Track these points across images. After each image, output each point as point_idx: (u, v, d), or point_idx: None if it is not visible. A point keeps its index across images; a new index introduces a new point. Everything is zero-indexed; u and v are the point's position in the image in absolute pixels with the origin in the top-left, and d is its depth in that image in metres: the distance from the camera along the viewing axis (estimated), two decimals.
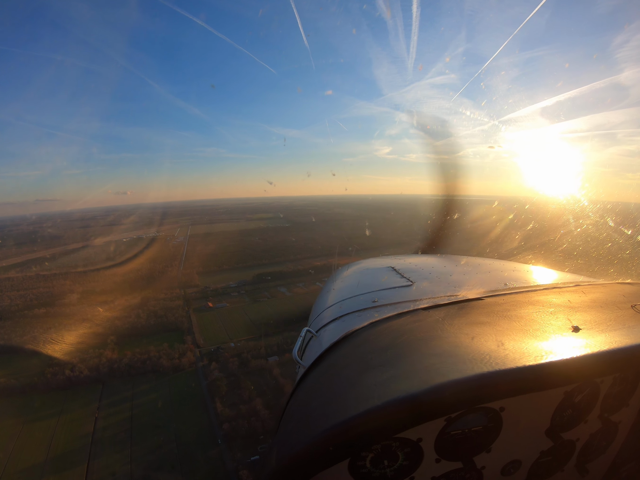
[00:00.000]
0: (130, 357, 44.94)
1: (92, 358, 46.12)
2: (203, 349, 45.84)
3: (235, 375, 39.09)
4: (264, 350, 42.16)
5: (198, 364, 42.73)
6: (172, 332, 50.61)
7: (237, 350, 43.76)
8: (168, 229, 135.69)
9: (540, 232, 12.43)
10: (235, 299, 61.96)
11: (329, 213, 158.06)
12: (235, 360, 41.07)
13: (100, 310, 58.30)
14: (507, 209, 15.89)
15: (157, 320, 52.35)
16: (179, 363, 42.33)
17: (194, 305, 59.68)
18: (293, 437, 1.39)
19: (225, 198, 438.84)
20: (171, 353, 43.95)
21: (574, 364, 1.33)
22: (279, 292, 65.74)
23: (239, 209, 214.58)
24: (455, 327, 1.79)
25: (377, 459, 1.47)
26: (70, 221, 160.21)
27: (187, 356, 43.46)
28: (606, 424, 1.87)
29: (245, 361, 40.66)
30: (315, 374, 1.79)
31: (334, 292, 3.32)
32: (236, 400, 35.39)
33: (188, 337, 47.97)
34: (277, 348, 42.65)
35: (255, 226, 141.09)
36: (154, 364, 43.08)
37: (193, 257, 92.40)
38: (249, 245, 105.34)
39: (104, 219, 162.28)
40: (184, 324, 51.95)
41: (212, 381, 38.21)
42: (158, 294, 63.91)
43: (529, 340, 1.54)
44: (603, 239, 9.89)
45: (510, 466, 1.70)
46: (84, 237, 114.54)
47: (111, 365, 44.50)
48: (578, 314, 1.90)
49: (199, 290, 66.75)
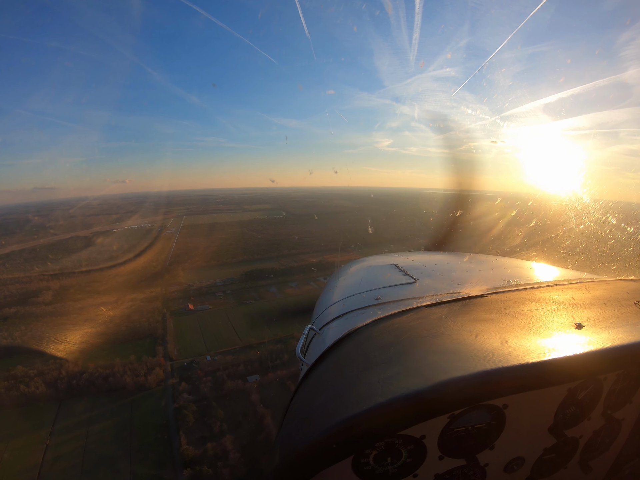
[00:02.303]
0: (92, 371, 39.29)
1: (51, 371, 40.68)
2: (175, 362, 39.93)
3: (207, 399, 33.16)
4: (242, 368, 36.10)
5: (167, 382, 36.86)
6: (145, 340, 44.80)
7: (212, 366, 37.75)
8: (162, 219, 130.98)
9: (543, 229, 12.27)
10: (220, 300, 55.92)
11: (328, 205, 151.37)
12: (208, 380, 35.09)
13: (69, 312, 52.91)
14: (509, 205, 15.10)
15: (129, 326, 46.50)
16: (145, 381, 36.45)
17: (173, 306, 53.78)
18: (296, 434, 1.37)
19: (224, 188, 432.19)
20: (137, 368, 38.11)
21: (577, 361, 1.34)
22: (268, 292, 59.65)
23: (237, 199, 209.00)
24: (458, 324, 1.79)
25: (381, 456, 1.45)
26: (64, 210, 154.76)
27: (155, 372, 37.57)
28: (609, 421, 1.86)
29: (220, 381, 34.69)
30: (318, 372, 1.76)
31: (337, 289, 3.35)
32: (205, 433, 29.50)
33: (160, 348, 42.03)
34: (259, 364, 36.71)
35: (252, 217, 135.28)
36: (117, 381, 37.35)
37: (181, 251, 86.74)
38: (242, 238, 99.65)
39: (99, 207, 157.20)
40: (158, 331, 46.03)
41: (179, 407, 32.26)
42: (136, 293, 58.09)
43: (532, 337, 1.55)
44: (605, 236, 9.60)
45: (514, 463, 1.70)
46: (72, 228, 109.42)
47: (70, 380, 38.96)
48: (581, 311, 1.92)
49: (181, 289, 60.79)
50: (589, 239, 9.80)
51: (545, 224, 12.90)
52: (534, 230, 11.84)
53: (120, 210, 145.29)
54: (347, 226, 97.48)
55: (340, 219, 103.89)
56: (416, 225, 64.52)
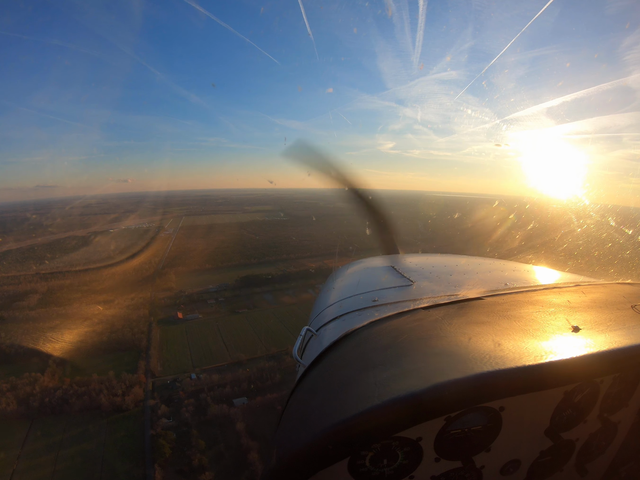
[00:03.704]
0: (66, 388, 36.06)
1: (24, 385, 37.57)
2: (158, 379, 36.68)
3: (188, 425, 29.83)
4: (229, 389, 32.72)
5: (146, 403, 33.57)
6: (127, 353, 41.61)
7: (197, 385, 34.45)
8: (161, 220, 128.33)
9: (541, 232, 12.29)
10: (211, 309, 52.65)
11: (330, 207, 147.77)
12: (191, 404, 31.74)
13: (52, 318, 49.82)
14: (510, 209, 15.11)
15: (112, 337, 43.32)
16: (122, 402, 33.18)
17: (161, 315, 50.56)
18: (293, 435, 1.37)
19: (226, 188, 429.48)
20: (115, 386, 34.87)
21: (573, 364, 1.35)
22: (263, 300, 56.34)
23: (238, 199, 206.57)
24: (455, 326, 1.78)
25: (377, 458, 1.44)
26: (64, 209, 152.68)
27: (134, 391, 34.33)
28: (606, 424, 1.86)
29: (204, 405, 31.33)
30: (315, 373, 1.75)
31: (334, 291, 3.30)
32: (183, 466, 26.23)
33: (142, 362, 38.76)
34: (247, 384, 33.31)
35: (252, 219, 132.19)
36: (92, 400, 34.13)
37: (177, 254, 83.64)
38: (240, 240, 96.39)
39: (99, 206, 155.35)
40: (142, 342, 42.81)
41: (156, 435, 28.92)
42: (124, 298, 54.94)
43: (528, 340, 1.54)
44: (604, 239, 9.43)
45: (510, 466, 1.69)
46: (69, 227, 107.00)
47: (44, 397, 35.79)
48: (578, 314, 1.90)
49: (172, 295, 57.59)
50: (587, 242, 9.56)
51: (544, 227, 12.69)
52: (532, 233, 11.71)
53: (119, 210, 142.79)
54: (348, 229, 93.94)
55: (342, 221, 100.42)
56: (419, 229, 61.60)
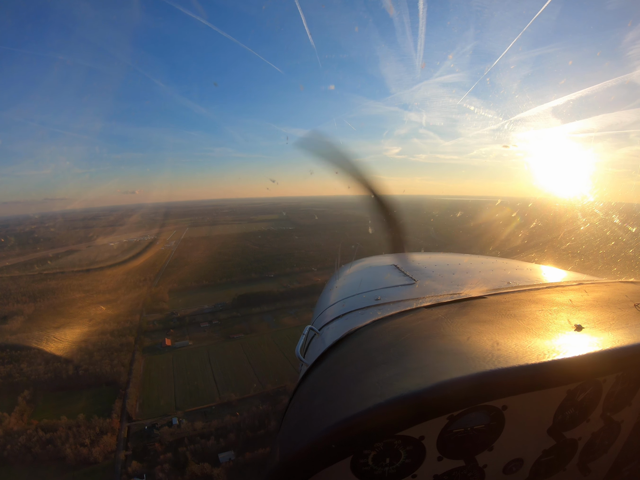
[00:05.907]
0: (30, 433, 31.13)
1: None
2: (134, 424, 31.48)
3: None
4: (214, 441, 27.30)
5: (118, 455, 28.36)
6: (104, 388, 36.59)
7: (176, 434, 29.12)
8: (164, 231, 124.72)
9: (545, 231, 12.19)
10: (203, 334, 47.50)
11: (337, 215, 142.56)
12: (168, 459, 26.42)
13: (29, 347, 45.21)
14: (518, 212, 15.07)
15: (88, 369, 38.38)
16: (89, 454, 28.06)
17: (147, 342, 45.58)
18: (296, 434, 1.36)
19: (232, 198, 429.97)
20: (84, 433, 29.79)
21: (576, 363, 1.34)
22: (262, 322, 51.01)
23: (244, 209, 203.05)
24: (457, 325, 1.78)
25: (380, 456, 1.44)
26: (68, 221, 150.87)
27: (104, 440, 29.22)
28: (608, 423, 1.85)
29: (182, 462, 26.00)
30: (317, 372, 1.75)
31: (337, 290, 3.32)
32: None
33: (119, 402, 33.64)
34: (236, 435, 27.86)
35: (256, 229, 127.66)
36: (58, 450, 29.07)
37: (174, 269, 79.11)
38: (243, 252, 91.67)
39: (105, 218, 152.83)
40: (122, 376, 37.78)
41: None
42: (110, 324, 49.96)
43: (531, 338, 1.54)
44: (607, 237, 9.46)
45: (513, 464, 1.68)
46: (70, 241, 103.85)
47: (5, 444, 30.93)
48: (580, 312, 1.90)
49: (162, 318, 52.65)
50: (590, 240, 9.36)
51: (548, 226, 12.66)
52: (534, 232, 11.63)
53: (122, 222, 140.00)
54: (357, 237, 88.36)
55: (350, 229, 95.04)
56: (431, 235, 56.66)
